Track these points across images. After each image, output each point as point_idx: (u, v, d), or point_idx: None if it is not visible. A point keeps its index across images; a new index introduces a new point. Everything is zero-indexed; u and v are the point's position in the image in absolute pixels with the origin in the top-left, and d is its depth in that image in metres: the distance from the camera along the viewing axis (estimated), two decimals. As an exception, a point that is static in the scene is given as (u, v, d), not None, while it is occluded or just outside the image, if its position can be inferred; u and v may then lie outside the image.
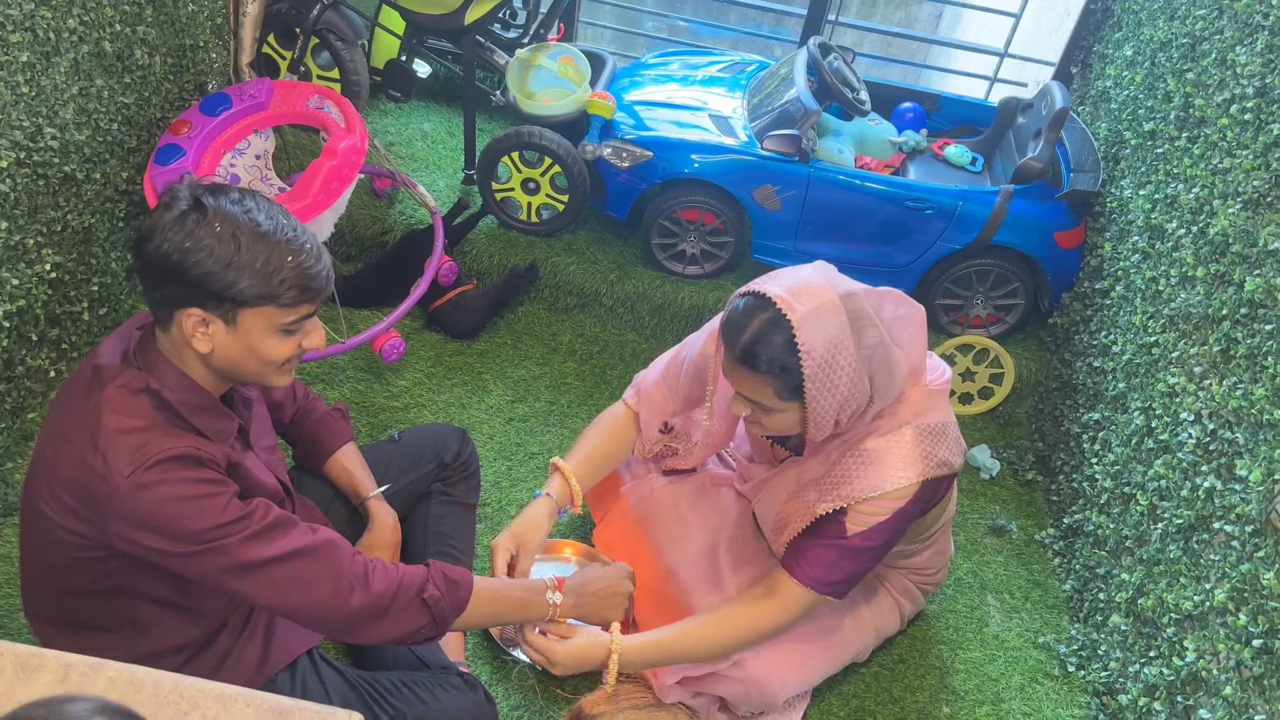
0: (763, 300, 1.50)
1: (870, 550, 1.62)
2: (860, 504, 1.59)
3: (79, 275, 2.17)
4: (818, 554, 1.63)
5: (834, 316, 1.48)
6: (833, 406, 1.52)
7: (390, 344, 2.33)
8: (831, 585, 1.64)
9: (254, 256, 1.26)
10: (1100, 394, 2.27)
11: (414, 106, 3.08)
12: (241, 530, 1.28)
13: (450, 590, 1.43)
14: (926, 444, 1.60)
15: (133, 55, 2.22)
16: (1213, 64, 2.07)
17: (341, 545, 1.37)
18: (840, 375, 1.49)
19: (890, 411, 1.61)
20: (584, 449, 1.82)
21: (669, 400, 1.86)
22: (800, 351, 1.46)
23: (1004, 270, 2.54)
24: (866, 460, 1.59)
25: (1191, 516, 1.82)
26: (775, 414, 1.56)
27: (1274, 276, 1.73)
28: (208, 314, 1.28)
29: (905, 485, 1.58)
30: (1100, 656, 2.03)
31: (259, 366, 1.35)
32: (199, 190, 1.28)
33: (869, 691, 1.97)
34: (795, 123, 2.46)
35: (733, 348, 1.52)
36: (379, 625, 1.39)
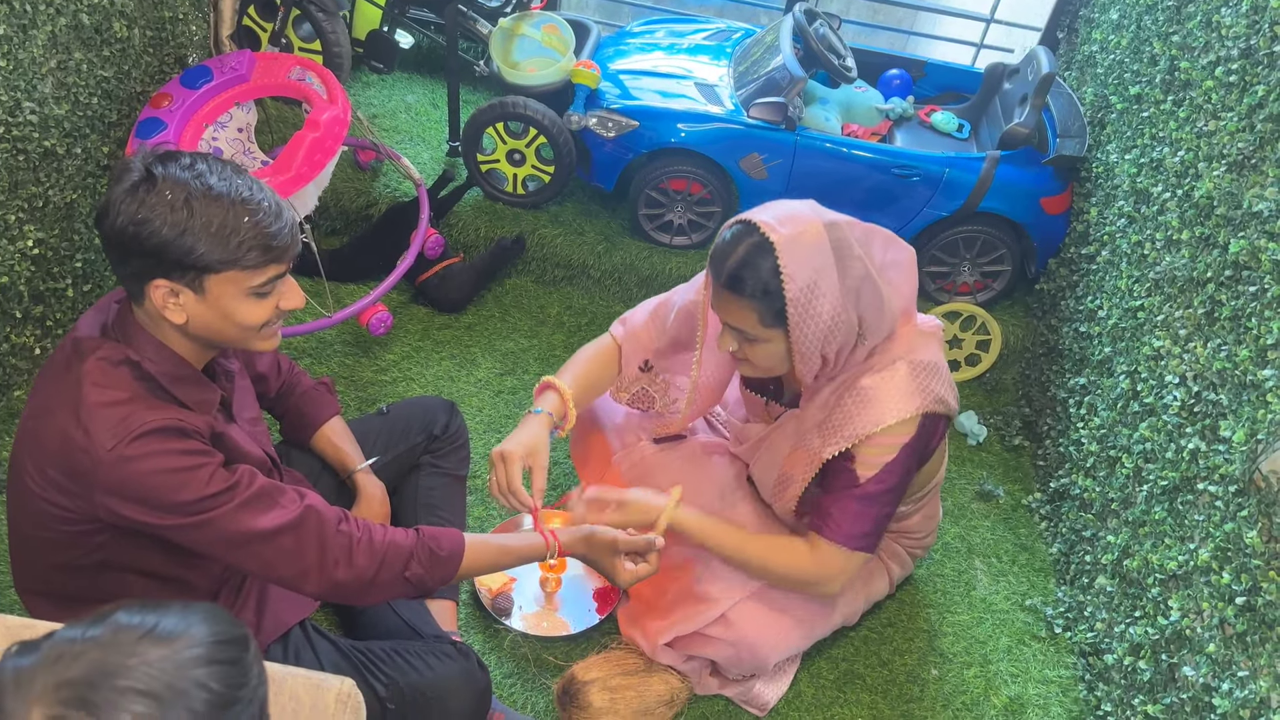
0: (749, 227, 1.53)
1: (886, 494, 1.63)
2: (865, 443, 1.60)
3: (62, 251, 2.15)
4: (841, 507, 1.63)
5: (818, 243, 1.50)
6: (817, 336, 1.53)
7: (377, 318, 2.32)
8: (861, 538, 1.64)
9: (208, 220, 1.23)
10: (1086, 358, 2.28)
11: (397, 78, 3.05)
12: (228, 501, 1.28)
13: (435, 566, 1.44)
14: (922, 378, 1.61)
15: (111, 28, 2.19)
16: (1198, 26, 2.07)
17: (328, 517, 1.37)
18: (823, 303, 1.50)
19: (882, 350, 1.63)
20: (573, 371, 1.81)
21: (655, 338, 1.86)
22: (783, 275, 1.48)
23: (990, 237, 2.54)
24: (865, 398, 1.60)
25: (1176, 478, 1.84)
26: (760, 345, 1.58)
27: (1258, 238, 1.73)
28: (175, 284, 1.26)
29: (908, 417, 1.59)
30: (1086, 618, 2.05)
31: (238, 332, 1.33)
32: (149, 159, 1.25)
33: (858, 655, 1.99)
34: (781, 90, 2.45)
35: (719, 274, 1.55)
36: (365, 594, 1.41)
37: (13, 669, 0.71)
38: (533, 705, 1.83)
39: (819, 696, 1.91)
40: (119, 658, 0.72)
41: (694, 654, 1.81)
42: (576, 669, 1.80)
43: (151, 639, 0.74)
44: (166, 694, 0.72)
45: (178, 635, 0.75)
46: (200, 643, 0.75)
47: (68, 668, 0.71)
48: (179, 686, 0.72)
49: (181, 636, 0.75)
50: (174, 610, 0.78)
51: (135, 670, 0.72)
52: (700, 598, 1.79)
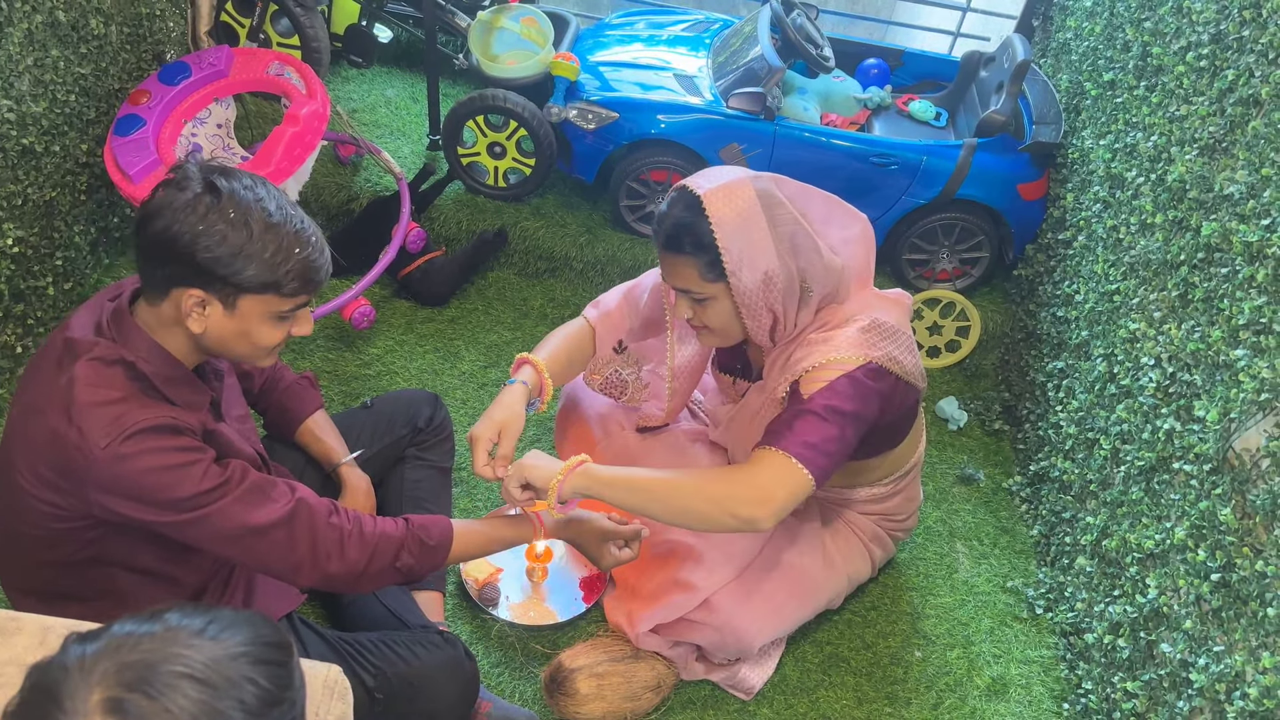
0: (681, 189, 1.62)
1: (830, 411, 1.55)
2: (810, 372, 1.60)
3: (42, 249, 2.15)
4: (784, 420, 1.59)
5: (744, 194, 1.57)
6: (756, 285, 1.58)
7: (360, 311, 2.33)
8: (807, 448, 1.53)
9: (264, 246, 1.27)
10: (1064, 343, 2.31)
11: (376, 72, 3.05)
12: (222, 497, 1.30)
13: (425, 555, 1.47)
14: (873, 336, 1.62)
15: (88, 25, 2.18)
16: (1169, 12, 2.09)
17: (318, 510, 1.39)
18: (757, 252, 1.56)
19: (835, 310, 1.67)
20: (548, 348, 1.82)
21: (627, 318, 1.90)
22: (712, 223, 1.55)
23: (969, 224, 2.56)
24: (815, 343, 1.63)
25: (1152, 458, 1.86)
26: (710, 304, 1.63)
27: (1229, 220, 1.76)
28: (208, 296, 1.29)
29: (850, 356, 1.59)
30: (1067, 598, 2.08)
31: (249, 350, 1.37)
32: (211, 173, 1.28)
33: (842, 638, 2.02)
34: (760, 81, 2.47)
35: (659, 236, 1.62)
36: (357, 584, 1.44)
37: (76, 654, 0.75)
38: (520, 694, 1.85)
39: (804, 680, 1.94)
40: (175, 648, 0.76)
41: (679, 640, 1.83)
42: (563, 657, 1.82)
43: (204, 636, 0.79)
44: (220, 683, 0.76)
45: (228, 635, 0.79)
46: (249, 643, 0.80)
47: (127, 654, 0.75)
48: (232, 678, 0.77)
49: (232, 636, 0.80)
50: (224, 614, 0.82)
51: (191, 659, 0.76)
52: (684, 584, 1.80)
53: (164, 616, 0.80)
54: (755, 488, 1.53)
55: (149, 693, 0.74)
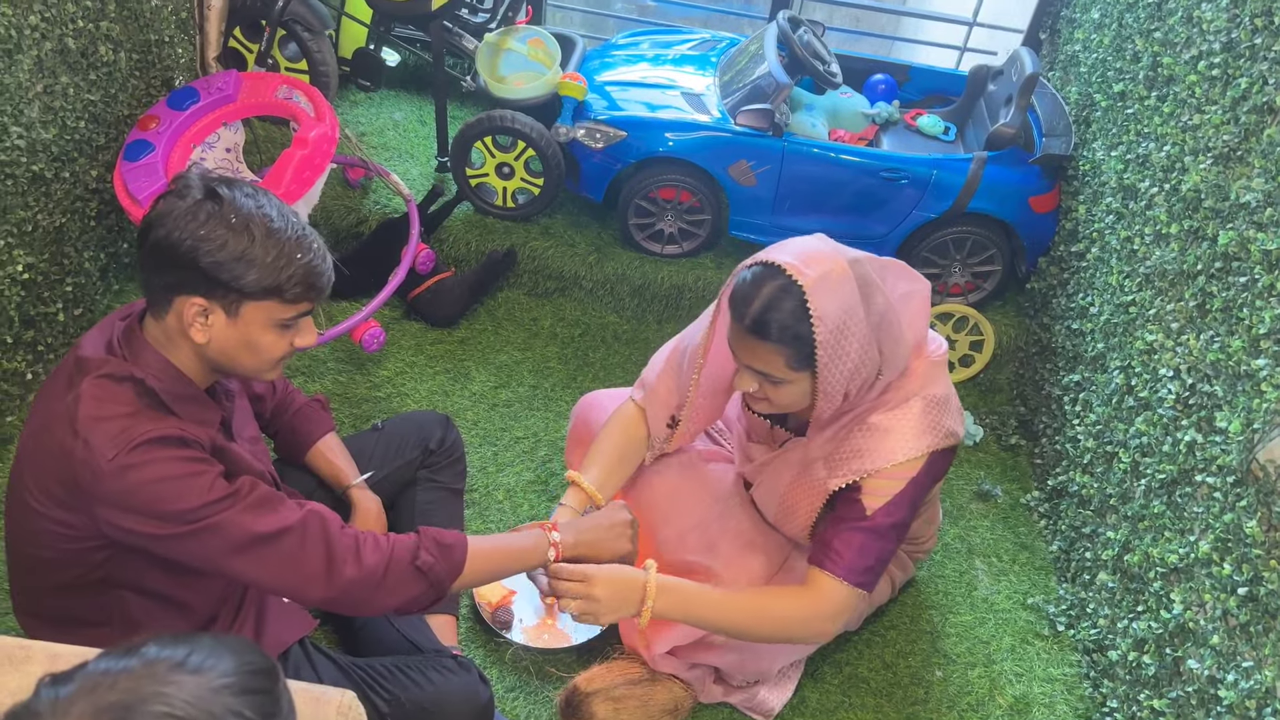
0: (772, 269, 1.48)
1: (891, 529, 1.59)
2: (873, 477, 1.58)
3: (52, 276, 2.15)
4: (845, 539, 1.59)
5: (845, 282, 1.46)
6: (843, 376, 1.50)
7: (370, 334, 2.32)
8: (863, 573, 1.58)
9: (265, 251, 1.27)
10: (1080, 355, 2.29)
11: (384, 95, 3.06)
12: (230, 506, 1.28)
13: (444, 554, 1.42)
14: (934, 415, 1.59)
15: (97, 51, 2.19)
16: (1179, 22, 2.08)
17: (331, 519, 1.37)
18: (851, 342, 1.48)
19: (896, 385, 1.60)
20: (599, 463, 1.76)
21: (674, 393, 1.81)
22: (813, 318, 1.44)
23: (980, 237, 2.55)
24: (876, 433, 1.58)
25: (1174, 471, 1.84)
26: (784, 386, 1.54)
27: (1246, 229, 1.74)
28: (210, 303, 1.28)
29: (917, 456, 1.57)
30: (1089, 614, 2.04)
31: (254, 361, 1.36)
32: (212, 181, 1.29)
33: (861, 658, 1.99)
34: (767, 97, 2.46)
35: (742, 318, 1.50)
36: (376, 595, 1.38)
37: (49, 698, 0.72)
38: (536, 718, 1.82)
39: (823, 701, 1.91)
40: (154, 685, 0.73)
41: (697, 661, 1.80)
42: (579, 680, 1.79)
43: (185, 669, 0.75)
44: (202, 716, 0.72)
45: (210, 666, 0.76)
46: (232, 672, 0.76)
47: (104, 695, 0.72)
48: (215, 713, 0.73)
49: (214, 667, 0.76)
50: (204, 642, 0.78)
51: (171, 697, 0.72)
52: (701, 605, 1.78)
53: (141, 650, 0.76)
54: (812, 608, 1.61)
55: None
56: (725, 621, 1.61)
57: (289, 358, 1.42)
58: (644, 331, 2.64)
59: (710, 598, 1.61)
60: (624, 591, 1.53)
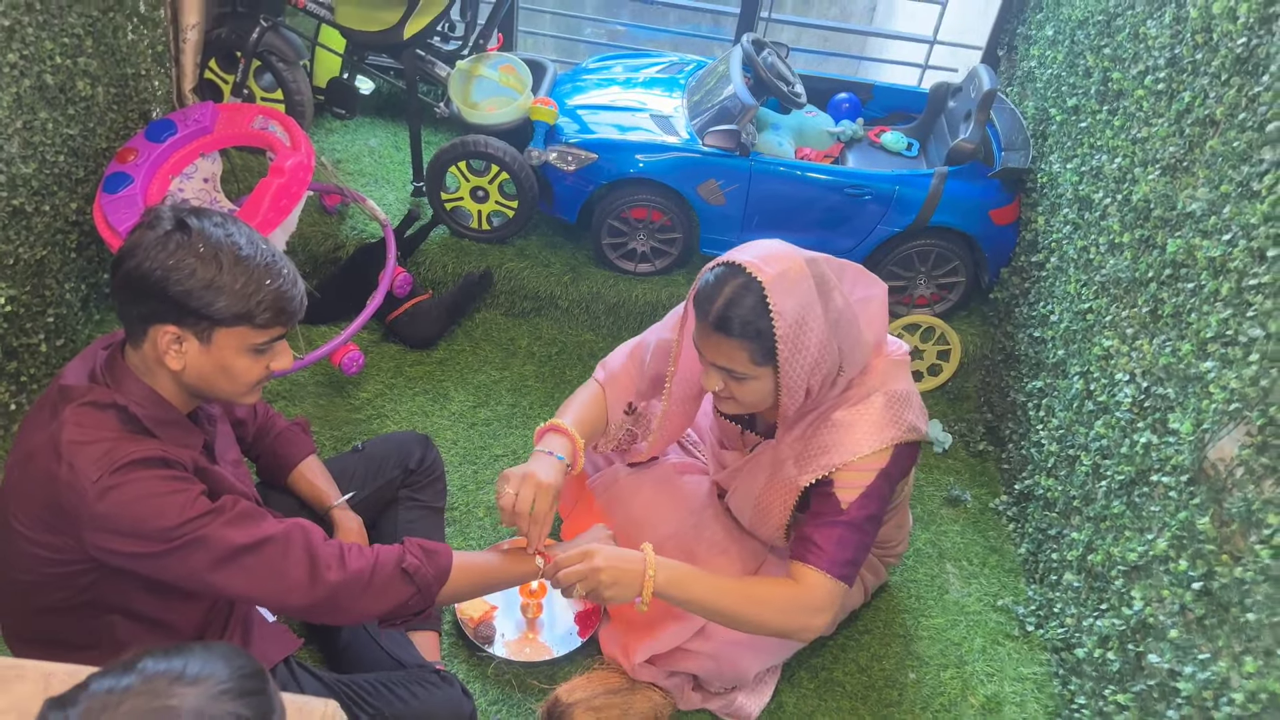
0: (733, 268, 1.56)
1: (867, 520, 1.65)
2: (842, 470, 1.64)
3: (34, 307, 2.18)
4: (825, 534, 1.64)
5: (802, 280, 1.54)
6: (804, 370, 1.57)
7: (349, 357, 2.36)
8: (844, 566, 1.63)
9: (234, 278, 1.31)
10: (1042, 362, 2.35)
11: (359, 123, 3.11)
12: (212, 521, 1.31)
13: (430, 559, 1.46)
14: (896, 409, 1.66)
15: (75, 87, 2.23)
16: (1127, 38, 2.16)
17: (313, 529, 1.41)
18: (810, 337, 1.55)
19: (858, 382, 1.67)
20: (573, 414, 1.80)
21: (635, 379, 1.89)
22: (773, 313, 1.52)
23: (944, 249, 2.62)
24: (841, 429, 1.65)
25: (1132, 471, 1.90)
26: (748, 383, 1.60)
27: (1192, 237, 1.81)
28: (183, 331, 1.32)
29: (882, 448, 1.64)
30: (1056, 614, 2.10)
31: (229, 385, 1.39)
32: (183, 212, 1.33)
33: (837, 663, 2.03)
34: (734, 118, 2.53)
35: (706, 315, 1.57)
36: (362, 601, 1.41)
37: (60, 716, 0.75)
38: (519, 730, 1.86)
39: (800, 705, 1.95)
40: (158, 701, 0.76)
41: (675, 669, 1.84)
42: (560, 691, 1.83)
43: (183, 681, 0.79)
44: None
45: (207, 674, 0.80)
46: (228, 678, 0.80)
47: (112, 715, 0.75)
48: (216, 716, 0.77)
49: (211, 675, 0.80)
50: (196, 652, 0.82)
51: (177, 710, 0.76)
52: (678, 614, 1.82)
53: (138, 666, 0.80)
54: (800, 601, 1.64)
55: None
56: (717, 604, 1.62)
57: (266, 381, 1.45)
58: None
59: (704, 579, 1.64)
60: (625, 566, 1.57)
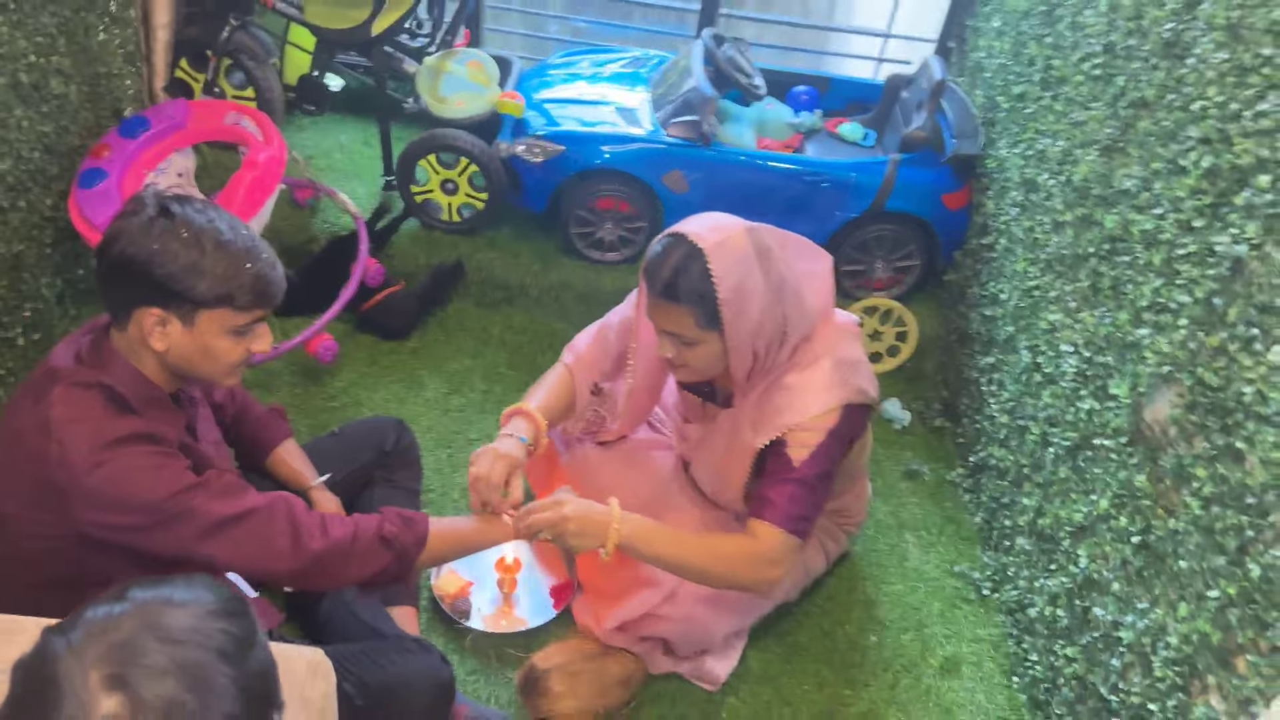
0: (678, 238, 1.66)
1: (818, 478, 1.72)
2: (794, 431, 1.72)
3: (10, 302, 2.22)
4: (778, 491, 1.70)
5: (742, 247, 1.64)
6: (748, 333, 1.66)
7: (324, 345, 2.42)
8: (797, 521, 1.69)
9: (215, 262, 1.36)
10: (993, 339, 2.45)
11: (329, 119, 3.16)
12: (199, 494, 1.37)
13: (408, 526, 1.53)
14: (844, 372, 1.74)
15: (49, 85, 2.28)
16: (1066, 27, 2.26)
17: (295, 500, 1.47)
18: (752, 301, 1.64)
19: (805, 348, 1.76)
20: (539, 398, 1.87)
21: (600, 359, 1.97)
22: (714, 277, 1.61)
23: (899, 234, 2.71)
24: (791, 391, 1.73)
25: (1076, 437, 2.00)
26: (698, 348, 1.69)
27: (1128, 212, 1.91)
28: (167, 314, 1.37)
29: (831, 408, 1.72)
30: (1010, 578, 2.20)
31: (211, 366, 1.45)
32: (165, 199, 1.38)
33: (801, 628, 2.12)
34: (696, 110, 2.61)
35: (654, 284, 1.66)
36: (346, 567, 1.48)
37: (61, 644, 0.82)
38: (496, 698, 1.92)
39: (767, 669, 2.03)
40: (153, 619, 0.84)
41: (646, 634, 1.91)
42: (535, 659, 1.90)
43: (172, 605, 0.86)
44: (201, 639, 0.84)
45: (193, 599, 0.87)
46: (213, 601, 0.88)
47: (113, 635, 0.83)
48: (209, 632, 0.85)
49: (197, 599, 0.88)
50: (179, 581, 0.90)
51: (169, 626, 0.84)
52: (647, 580, 1.90)
53: (127, 595, 0.87)
54: (758, 555, 1.70)
55: (142, 663, 0.81)
56: (679, 556, 1.69)
57: (247, 362, 1.51)
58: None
59: (666, 533, 1.71)
60: (592, 516, 1.64)
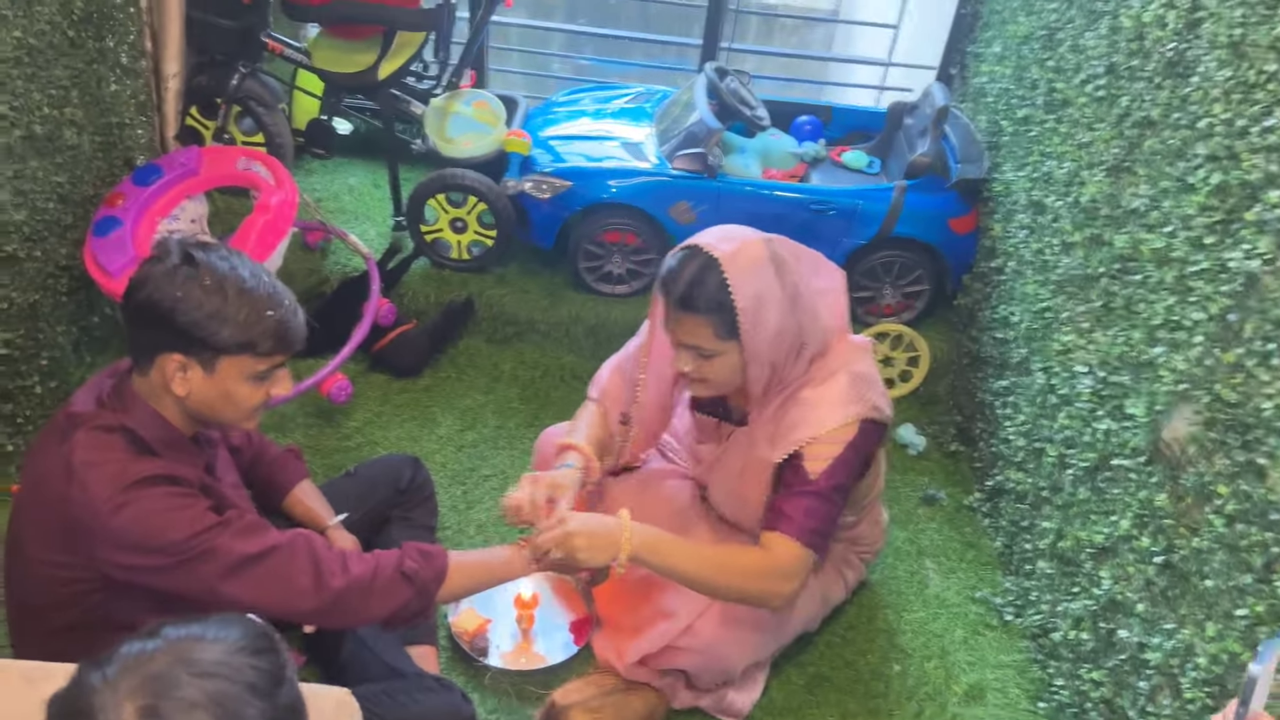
0: (693, 250, 1.67)
1: (834, 491, 1.71)
2: (813, 444, 1.71)
3: (28, 350, 2.24)
4: (793, 504, 1.70)
5: (758, 256, 1.66)
6: (766, 342, 1.67)
7: (338, 386, 2.42)
8: (812, 534, 1.69)
9: (238, 309, 1.37)
10: (1006, 362, 2.45)
11: (338, 163, 3.19)
12: (220, 533, 1.38)
13: (427, 561, 1.53)
14: (860, 388, 1.74)
15: (62, 136, 2.31)
16: (1068, 50, 2.28)
17: (316, 538, 1.47)
18: (769, 309, 1.65)
19: (821, 364, 1.76)
20: (582, 432, 1.87)
21: (624, 389, 1.97)
22: (730, 287, 1.62)
23: (907, 260, 2.72)
24: (808, 405, 1.73)
25: (1095, 458, 1.99)
26: (716, 359, 1.69)
27: (1137, 231, 1.91)
28: (188, 359, 1.39)
29: (849, 420, 1.72)
30: (1033, 602, 2.18)
31: (231, 411, 1.45)
32: (190, 246, 1.40)
33: (824, 658, 2.10)
34: (701, 142, 2.63)
35: (671, 295, 1.67)
36: (367, 603, 1.48)
37: (97, 678, 0.85)
38: (518, 736, 1.91)
39: (789, 700, 2.01)
40: (186, 654, 0.86)
41: (666, 667, 1.90)
42: (556, 695, 1.88)
43: (204, 640, 0.88)
44: (231, 674, 0.86)
45: (224, 636, 0.89)
46: (243, 638, 0.90)
47: (147, 667, 0.85)
48: (239, 668, 0.87)
49: (227, 636, 0.89)
50: (210, 620, 0.92)
51: (202, 661, 0.86)
52: (666, 613, 1.89)
53: (160, 633, 0.89)
54: (771, 568, 1.69)
55: (174, 695, 0.83)
56: (692, 569, 1.68)
57: (264, 408, 1.51)
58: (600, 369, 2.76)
59: (680, 545, 1.70)
60: (600, 530, 1.61)
